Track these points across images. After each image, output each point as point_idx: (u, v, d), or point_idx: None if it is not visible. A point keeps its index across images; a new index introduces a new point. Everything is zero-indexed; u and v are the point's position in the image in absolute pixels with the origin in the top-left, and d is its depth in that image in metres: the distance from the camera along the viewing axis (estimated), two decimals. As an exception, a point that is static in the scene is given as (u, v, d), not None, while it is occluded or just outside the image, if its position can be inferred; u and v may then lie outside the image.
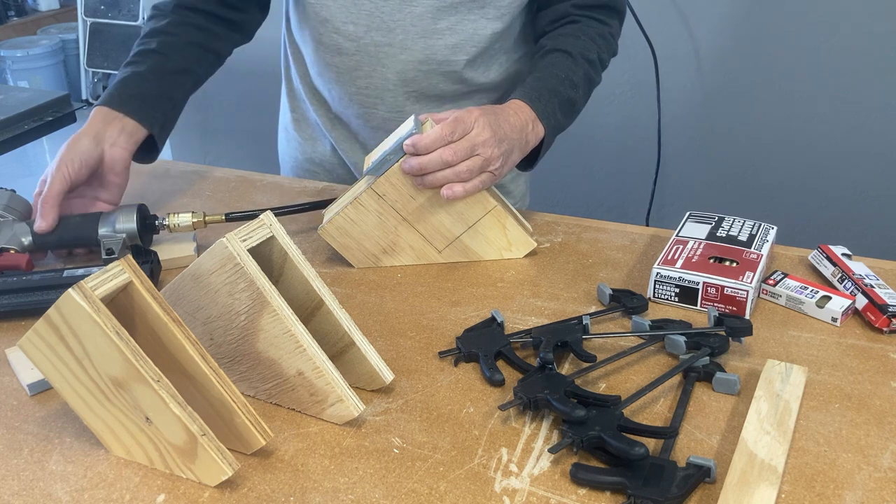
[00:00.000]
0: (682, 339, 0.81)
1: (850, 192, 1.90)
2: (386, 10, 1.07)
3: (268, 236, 0.75)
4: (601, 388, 0.79)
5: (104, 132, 1.05)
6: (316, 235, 1.04)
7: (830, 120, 1.86)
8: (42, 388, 0.80)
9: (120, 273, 0.66)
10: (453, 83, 1.15)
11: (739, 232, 0.98)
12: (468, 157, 0.93)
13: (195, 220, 1.04)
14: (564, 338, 0.82)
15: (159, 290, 0.69)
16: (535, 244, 1.03)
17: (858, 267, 0.93)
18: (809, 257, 0.99)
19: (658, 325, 0.86)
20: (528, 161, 1.07)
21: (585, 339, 0.84)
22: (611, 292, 0.91)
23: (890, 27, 1.73)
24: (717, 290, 0.89)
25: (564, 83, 1.06)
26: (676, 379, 0.79)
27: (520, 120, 0.99)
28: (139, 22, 4.60)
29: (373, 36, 1.10)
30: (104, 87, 5.03)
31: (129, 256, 0.68)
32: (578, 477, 0.66)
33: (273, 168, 1.43)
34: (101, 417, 0.69)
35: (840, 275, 0.93)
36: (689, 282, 0.90)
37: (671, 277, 0.91)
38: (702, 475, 0.66)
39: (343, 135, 1.26)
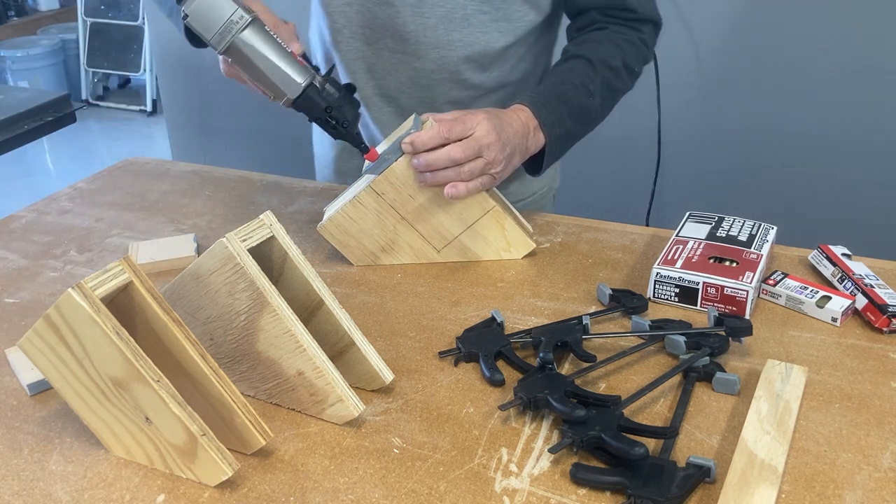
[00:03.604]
0: (682, 339, 0.81)
1: (850, 192, 1.90)
2: (399, 20, 1.08)
3: (268, 236, 0.75)
4: (601, 388, 0.79)
5: None
6: (316, 235, 1.04)
7: (830, 120, 1.86)
8: (42, 388, 0.80)
9: (120, 273, 0.66)
10: (465, 89, 1.15)
11: (739, 232, 0.98)
12: (474, 158, 0.93)
13: None
14: (564, 338, 0.82)
15: (159, 290, 0.69)
16: (534, 245, 1.03)
17: (858, 267, 0.93)
18: (809, 257, 0.99)
19: (658, 325, 0.86)
20: (534, 168, 1.07)
21: (585, 339, 0.84)
22: (611, 292, 0.91)
23: (890, 26, 1.73)
24: (717, 290, 0.89)
25: (578, 90, 1.04)
26: (676, 379, 0.79)
27: (522, 125, 0.99)
28: (139, 22, 4.59)
29: (387, 42, 1.11)
30: (104, 87, 5.03)
31: (129, 257, 0.68)
32: (578, 477, 0.66)
33: (271, 168, 1.43)
34: (101, 417, 0.69)
35: (840, 275, 0.93)
36: (689, 282, 0.90)
37: (671, 277, 0.91)
38: (702, 475, 0.66)
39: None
